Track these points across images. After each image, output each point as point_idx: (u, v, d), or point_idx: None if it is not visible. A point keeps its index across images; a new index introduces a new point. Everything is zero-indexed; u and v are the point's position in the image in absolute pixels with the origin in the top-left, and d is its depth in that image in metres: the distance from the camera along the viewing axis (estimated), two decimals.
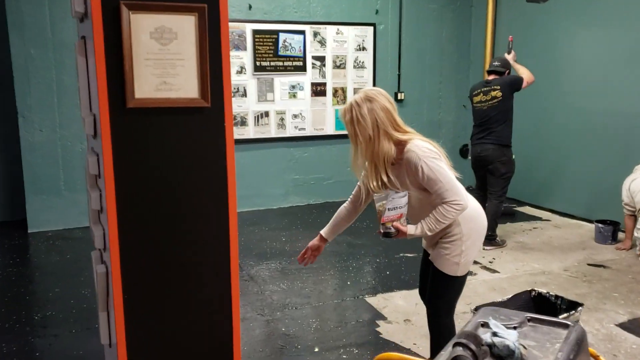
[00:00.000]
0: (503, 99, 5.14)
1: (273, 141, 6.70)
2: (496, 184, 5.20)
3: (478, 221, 2.61)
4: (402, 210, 2.45)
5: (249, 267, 4.82)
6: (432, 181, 2.40)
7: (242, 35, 6.35)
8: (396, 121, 2.48)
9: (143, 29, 1.76)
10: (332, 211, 2.91)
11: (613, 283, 4.36)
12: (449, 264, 2.57)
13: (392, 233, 2.46)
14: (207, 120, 1.85)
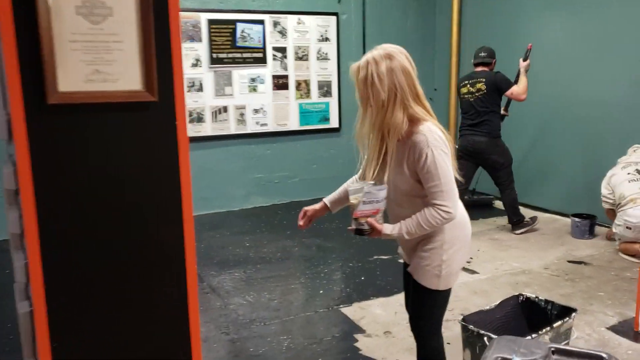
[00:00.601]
0: (487, 92, 5.14)
1: (233, 138, 6.30)
2: (501, 175, 5.27)
3: (463, 229, 2.29)
4: (378, 205, 2.13)
5: (211, 277, 4.42)
6: (430, 175, 2.08)
7: (196, 26, 5.91)
8: (416, 89, 2.14)
9: (67, 2, 1.37)
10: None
11: (596, 281, 4.16)
12: (429, 276, 2.24)
13: (365, 230, 2.14)
14: (154, 118, 1.47)
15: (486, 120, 5.18)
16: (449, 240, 2.22)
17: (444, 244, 2.21)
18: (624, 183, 4.70)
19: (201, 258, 4.82)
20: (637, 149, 4.91)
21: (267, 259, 4.81)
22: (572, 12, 5.59)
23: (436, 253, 2.21)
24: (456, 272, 2.29)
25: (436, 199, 2.09)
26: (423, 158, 2.08)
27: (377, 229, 2.14)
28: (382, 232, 2.15)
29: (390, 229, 2.16)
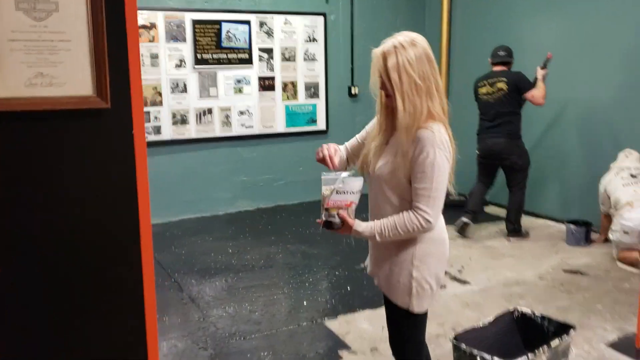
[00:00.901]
0: (509, 92, 5.00)
1: (218, 141, 6.10)
2: (516, 177, 5.15)
3: (438, 245, 2.09)
4: (352, 197, 1.96)
5: (190, 286, 4.23)
6: (424, 176, 1.92)
7: (180, 26, 5.71)
8: (438, 81, 1.99)
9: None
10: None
11: (594, 292, 4.01)
12: (400, 294, 2.06)
13: (335, 223, 1.98)
14: (107, 126, 1.29)
15: (506, 122, 5.04)
16: (420, 256, 2.04)
17: (414, 259, 2.03)
18: (618, 188, 4.58)
19: (182, 266, 4.63)
20: (629, 154, 4.80)
21: (250, 266, 4.62)
22: (563, 12, 5.46)
23: (404, 268, 2.04)
24: (431, 295, 2.08)
25: (420, 203, 1.93)
26: (423, 155, 1.92)
27: (349, 224, 1.98)
28: (352, 227, 1.98)
29: (362, 226, 2.00)
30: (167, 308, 3.85)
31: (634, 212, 4.38)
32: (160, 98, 5.71)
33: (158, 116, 5.72)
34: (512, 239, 5.16)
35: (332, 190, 1.94)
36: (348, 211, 1.98)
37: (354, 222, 1.99)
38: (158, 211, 5.85)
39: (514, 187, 5.19)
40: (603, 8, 5.10)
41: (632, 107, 4.98)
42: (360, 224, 2.00)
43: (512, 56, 5.18)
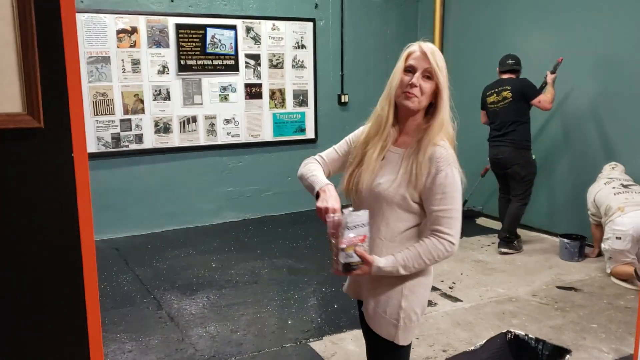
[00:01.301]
0: (513, 101, 4.93)
1: (202, 149, 5.93)
2: (518, 187, 5.07)
3: (428, 275, 1.94)
4: (364, 230, 1.77)
5: (170, 304, 4.04)
6: (445, 197, 1.76)
7: (163, 31, 5.54)
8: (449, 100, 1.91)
9: None
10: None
11: (588, 310, 3.86)
12: (385, 325, 1.89)
13: (354, 264, 1.76)
14: (40, 148, 1.11)
15: (512, 131, 4.98)
16: (411, 285, 1.87)
17: (404, 289, 1.87)
18: (609, 196, 4.47)
19: (162, 282, 4.44)
20: (615, 166, 4.71)
21: (234, 282, 4.44)
22: (553, 24, 5.35)
23: (393, 297, 1.87)
24: (417, 325, 1.93)
25: (441, 225, 1.77)
26: (442, 175, 1.77)
27: (368, 261, 1.78)
28: (373, 264, 1.79)
29: (383, 261, 1.80)
30: (144, 327, 3.66)
31: (625, 217, 4.27)
32: (142, 105, 5.53)
33: (140, 124, 5.54)
34: (502, 249, 5.03)
35: (342, 228, 1.73)
36: (364, 247, 1.78)
37: (373, 258, 1.80)
38: (139, 223, 5.66)
39: (514, 197, 5.11)
40: (591, 20, 5.01)
41: (617, 119, 4.90)
42: (379, 259, 1.80)
43: (520, 64, 5.08)
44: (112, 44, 5.29)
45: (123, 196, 5.57)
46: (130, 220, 5.62)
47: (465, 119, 5.92)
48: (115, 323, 3.72)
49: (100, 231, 5.48)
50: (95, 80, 5.27)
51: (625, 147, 4.86)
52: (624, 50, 4.80)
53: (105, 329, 3.63)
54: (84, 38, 5.17)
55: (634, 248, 4.23)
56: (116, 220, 5.55)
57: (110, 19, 5.26)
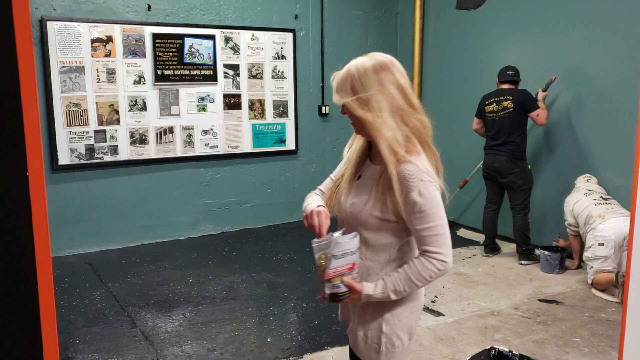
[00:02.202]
0: (514, 111, 4.95)
1: (179, 161, 5.81)
2: (516, 197, 5.06)
3: (415, 298, 1.83)
4: (353, 258, 1.69)
5: (145, 321, 3.91)
6: (424, 215, 1.66)
7: (139, 40, 5.43)
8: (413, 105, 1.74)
9: None
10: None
11: (570, 324, 3.82)
12: (366, 349, 1.81)
13: (342, 294, 1.69)
14: None
15: (511, 142, 5.00)
16: (393, 308, 1.78)
17: (385, 312, 1.78)
18: (590, 207, 4.48)
19: (137, 298, 4.31)
20: (589, 179, 4.77)
21: (211, 298, 4.32)
22: (532, 35, 5.37)
23: (374, 320, 1.79)
24: (402, 351, 1.82)
25: (429, 245, 1.68)
26: (414, 193, 1.66)
27: (357, 290, 1.70)
28: (362, 292, 1.71)
29: (372, 288, 1.71)
30: (117, 347, 3.52)
31: (607, 223, 4.29)
32: (117, 116, 5.40)
33: (115, 135, 5.41)
34: (523, 262, 5.04)
35: (329, 257, 1.65)
36: (352, 275, 1.70)
37: (362, 286, 1.71)
38: (114, 237, 5.52)
39: (514, 209, 5.11)
40: (570, 32, 5.02)
41: (589, 131, 4.94)
42: (368, 286, 1.72)
43: (519, 76, 5.09)
44: (87, 53, 5.17)
45: (97, 209, 5.42)
46: (104, 234, 5.47)
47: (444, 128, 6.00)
48: (87, 342, 3.58)
49: (73, 245, 5.32)
50: (68, 90, 5.13)
51: (597, 159, 4.88)
52: (595, 62, 4.83)
53: (76, 349, 3.49)
54: (56, 47, 5.04)
55: (616, 255, 4.22)
56: (89, 234, 5.40)
57: (85, 28, 5.13)
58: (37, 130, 1.02)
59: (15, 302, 1.07)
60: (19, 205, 1.03)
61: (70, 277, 4.72)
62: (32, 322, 1.08)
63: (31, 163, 1.02)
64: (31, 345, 1.10)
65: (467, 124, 5.85)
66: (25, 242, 1.05)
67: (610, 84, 4.73)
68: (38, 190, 1.04)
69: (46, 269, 1.06)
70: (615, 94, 4.69)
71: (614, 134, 4.71)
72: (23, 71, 1.00)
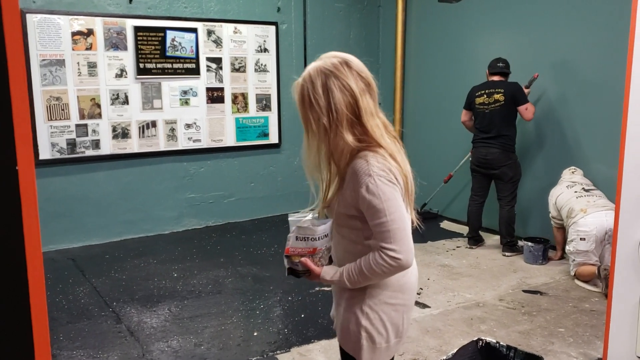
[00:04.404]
0: (505, 104, 4.94)
1: (162, 155, 5.75)
2: (505, 189, 5.08)
3: (397, 291, 1.80)
4: (317, 244, 1.74)
5: (130, 317, 3.87)
6: (374, 211, 1.66)
7: (121, 33, 5.35)
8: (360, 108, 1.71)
9: None
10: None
11: (555, 314, 3.87)
12: (348, 341, 1.82)
13: (300, 272, 1.78)
14: None
15: (502, 135, 5.01)
16: (370, 302, 1.77)
17: (363, 305, 1.78)
18: (571, 199, 4.52)
19: (121, 293, 4.27)
20: (574, 170, 4.80)
21: (197, 292, 4.30)
22: (515, 27, 5.40)
23: (353, 314, 1.79)
24: (387, 348, 1.81)
25: (382, 241, 1.67)
26: (363, 189, 1.66)
27: (315, 272, 1.76)
28: (319, 276, 1.76)
29: (330, 274, 1.76)
30: (102, 343, 3.49)
31: (588, 217, 4.32)
32: (99, 110, 5.33)
33: (96, 129, 5.33)
34: (507, 253, 5.07)
35: (292, 235, 1.73)
36: (314, 258, 1.75)
37: (321, 270, 1.76)
38: (97, 232, 5.46)
39: (501, 200, 5.12)
40: (554, 25, 5.05)
41: (575, 123, 4.98)
42: (327, 271, 1.76)
43: (509, 68, 5.09)
44: (67, 46, 5.08)
45: (79, 204, 5.35)
46: (87, 229, 5.41)
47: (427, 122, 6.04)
48: (71, 339, 3.54)
49: (56, 241, 5.25)
50: (49, 84, 5.05)
51: (583, 152, 4.93)
52: (580, 55, 4.87)
53: (60, 346, 3.44)
54: (36, 40, 4.95)
55: (597, 249, 4.28)
56: (72, 230, 5.33)
57: (65, 21, 5.04)
58: (27, 122, 1.00)
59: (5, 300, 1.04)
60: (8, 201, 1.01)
61: (52, 273, 4.66)
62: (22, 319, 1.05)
63: (21, 156, 1.00)
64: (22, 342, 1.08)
65: (451, 117, 5.89)
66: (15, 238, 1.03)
67: (595, 76, 4.78)
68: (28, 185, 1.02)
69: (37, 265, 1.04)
70: (600, 86, 4.74)
71: (600, 126, 4.76)
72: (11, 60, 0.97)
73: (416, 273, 1.89)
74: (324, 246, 1.77)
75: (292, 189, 6.42)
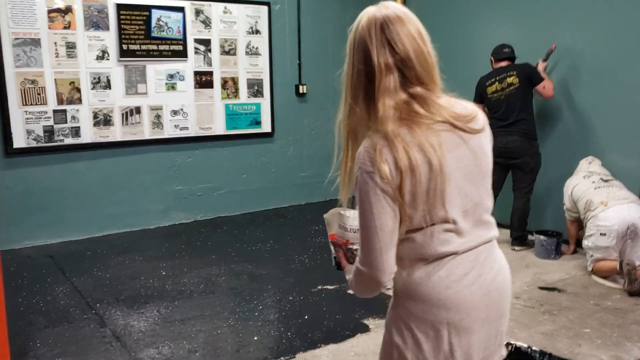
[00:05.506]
0: (521, 86, 4.63)
1: (148, 144, 5.38)
2: (524, 179, 4.78)
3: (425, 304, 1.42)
4: (349, 236, 1.57)
5: (115, 319, 3.51)
6: (358, 205, 1.38)
7: (102, 11, 4.96)
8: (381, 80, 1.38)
9: None
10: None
11: (577, 313, 3.59)
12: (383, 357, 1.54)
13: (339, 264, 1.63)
14: None
15: (522, 120, 4.69)
16: (404, 316, 1.44)
17: (398, 319, 1.46)
18: (589, 191, 4.23)
19: (105, 294, 3.91)
20: (592, 161, 4.50)
21: (188, 292, 3.95)
22: (517, 12, 5.12)
23: (387, 326, 1.51)
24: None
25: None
26: (353, 180, 1.39)
27: (342, 266, 1.60)
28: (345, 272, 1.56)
29: (348, 272, 1.52)
30: (85, 350, 3.13)
31: (609, 211, 4.02)
32: (79, 95, 4.93)
33: (76, 116, 4.93)
34: (517, 248, 4.81)
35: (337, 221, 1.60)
36: (344, 250, 1.58)
37: (347, 266, 1.56)
38: (77, 226, 5.07)
39: (518, 192, 4.82)
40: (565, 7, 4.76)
41: (591, 112, 4.71)
42: (348, 270, 1.53)
43: (515, 53, 4.82)
44: (43, 24, 4.67)
45: (58, 197, 4.96)
46: (66, 223, 5.02)
47: None
48: (50, 345, 3.17)
49: (32, 236, 4.86)
50: (23, 66, 4.64)
51: (599, 141, 4.66)
52: (594, 40, 4.59)
53: (37, 354, 3.08)
54: (8, 17, 4.53)
55: (618, 244, 4.01)
56: (51, 224, 4.94)
57: None
58: None
59: None
60: None
61: (29, 271, 4.27)
62: None
63: None
64: None
65: None
66: None
67: (611, 61, 4.48)
68: None
69: None
70: (616, 73, 4.45)
71: (618, 114, 4.48)
72: None
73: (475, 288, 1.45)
74: (357, 240, 1.49)
75: (286, 180, 6.08)
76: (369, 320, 3.45)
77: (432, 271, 1.41)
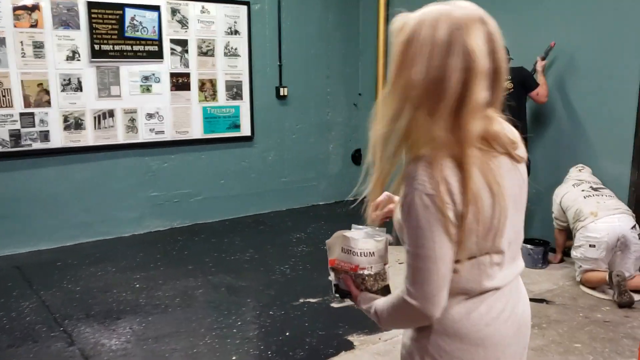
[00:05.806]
0: (514, 91, 4.45)
1: (121, 149, 5.15)
2: None
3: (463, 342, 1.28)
4: (360, 261, 1.40)
5: (85, 337, 3.31)
6: (405, 232, 1.22)
7: (72, 9, 4.72)
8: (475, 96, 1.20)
9: None
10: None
11: (567, 327, 3.48)
12: None
13: (343, 291, 1.46)
14: None
15: (514, 124, 4.44)
16: (434, 353, 1.30)
17: (425, 355, 1.31)
18: (578, 200, 4.12)
19: (74, 309, 3.70)
20: (581, 169, 4.40)
21: (163, 306, 3.75)
22: (512, 11, 4.99)
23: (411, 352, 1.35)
24: None
25: (405, 278, 1.24)
26: (401, 200, 1.22)
27: (353, 295, 1.43)
28: (357, 301, 1.42)
29: (367, 302, 1.38)
30: None
31: (599, 223, 3.92)
32: (48, 97, 4.69)
33: (45, 119, 4.70)
34: None
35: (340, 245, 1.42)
36: (352, 276, 1.42)
37: (360, 294, 1.41)
38: (46, 235, 4.84)
39: None
40: (555, 9, 4.66)
41: (579, 118, 4.61)
42: (365, 298, 1.40)
43: (509, 53, 4.66)
44: (8, 22, 4.43)
45: (26, 204, 4.72)
46: (34, 232, 4.77)
47: None
48: None
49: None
50: None
51: (588, 148, 4.56)
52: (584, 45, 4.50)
53: None
54: None
55: (607, 256, 3.90)
56: (17, 233, 4.70)
57: None
58: None
59: None
60: None
61: None
62: None
63: None
64: None
65: None
66: None
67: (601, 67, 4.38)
68: None
69: None
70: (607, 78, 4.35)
71: (608, 121, 4.38)
72: None
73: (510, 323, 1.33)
74: (369, 266, 1.39)
75: (266, 186, 5.90)
76: (353, 337, 3.30)
77: (473, 307, 1.28)
